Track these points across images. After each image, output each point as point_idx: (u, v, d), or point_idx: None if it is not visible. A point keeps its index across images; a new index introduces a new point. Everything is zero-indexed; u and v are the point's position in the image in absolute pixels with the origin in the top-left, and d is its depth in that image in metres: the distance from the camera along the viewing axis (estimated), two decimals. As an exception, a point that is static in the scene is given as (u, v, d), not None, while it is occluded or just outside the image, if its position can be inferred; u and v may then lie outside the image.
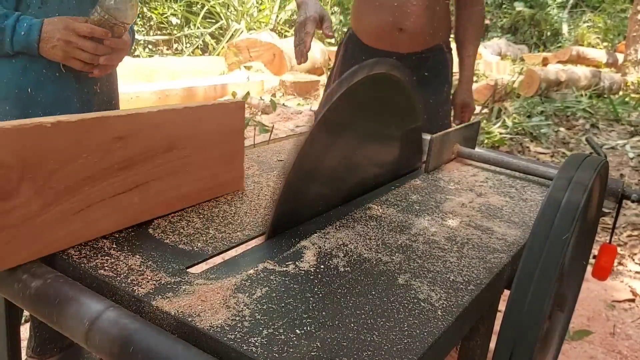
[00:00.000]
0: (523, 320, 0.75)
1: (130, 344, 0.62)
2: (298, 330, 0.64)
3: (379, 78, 1.04)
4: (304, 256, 0.83)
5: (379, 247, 0.89)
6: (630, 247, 3.15)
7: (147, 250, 0.81)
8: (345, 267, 0.81)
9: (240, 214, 0.98)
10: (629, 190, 1.30)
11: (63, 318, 0.68)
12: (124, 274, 0.74)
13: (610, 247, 1.26)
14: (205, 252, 0.82)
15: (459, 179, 1.29)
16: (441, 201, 1.12)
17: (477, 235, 0.97)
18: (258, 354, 0.59)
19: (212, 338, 0.62)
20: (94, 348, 0.65)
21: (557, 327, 1.21)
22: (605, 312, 2.45)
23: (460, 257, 0.88)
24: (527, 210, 1.11)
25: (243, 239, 0.88)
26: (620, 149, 5.07)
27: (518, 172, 1.35)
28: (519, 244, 0.95)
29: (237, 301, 0.69)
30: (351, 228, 0.95)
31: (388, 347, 0.63)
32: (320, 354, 0.60)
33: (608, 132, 5.75)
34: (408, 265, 0.83)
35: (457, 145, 1.41)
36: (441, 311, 0.71)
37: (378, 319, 0.68)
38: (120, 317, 0.65)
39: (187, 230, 0.89)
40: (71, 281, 0.72)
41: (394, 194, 1.14)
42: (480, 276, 0.82)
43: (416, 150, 1.31)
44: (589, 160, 0.94)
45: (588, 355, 2.13)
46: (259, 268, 0.78)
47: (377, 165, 1.17)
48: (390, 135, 1.19)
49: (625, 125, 6.01)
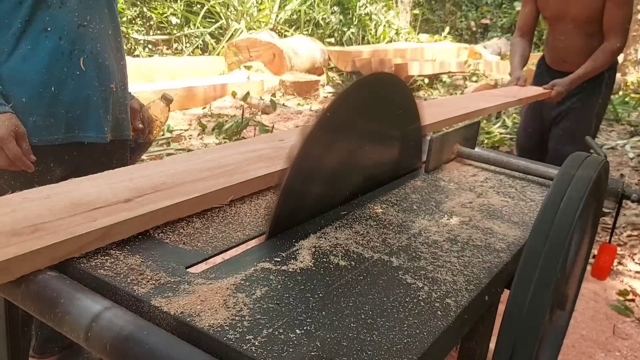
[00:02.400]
0: (523, 320, 0.75)
1: (130, 344, 0.62)
2: (298, 330, 0.64)
3: (379, 78, 1.04)
4: (304, 256, 0.83)
5: (379, 247, 0.89)
6: (630, 247, 3.15)
7: (147, 249, 0.81)
8: (345, 267, 0.81)
9: (240, 214, 0.98)
10: (629, 190, 1.30)
11: (63, 318, 0.68)
12: (123, 273, 0.74)
13: (610, 246, 1.26)
14: (205, 252, 0.82)
15: (459, 179, 1.29)
16: (441, 201, 1.12)
17: (477, 235, 0.97)
18: (258, 353, 0.59)
19: (212, 338, 0.62)
20: (93, 348, 0.65)
21: (557, 326, 1.21)
22: (605, 311, 2.45)
23: (460, 257, 0.88)
24: (527, 210, 1.11)
25: (243, 239, 0.88)
26: (620, 149, 5.07)
27: (518, 172, 1.35)
28: (519, 244, 0.95)
29: (237, 301, 0.69)
30: (351, 228, 0.95)
31: (388, 346, 0.63)
32: (320, 353, 0.60)
33: (608, 132, 5.75)
34: (408, 265, 0.83)
35: (457, 145, 1.41)
36: (441, 311, 0.71)
37: (378, 318, 0.68)
38: (120, 317, 0.65)
39: (187, 230, 0.89)
40: (71, 281, 0.72)
41: (394, 194, 1.14)
42: (480, 276, 0.82)
43: (416, 150, 1.31)
44: (589, 160, 0.94)
45: (588, 355, 2.13)
46: (258, 268, 0.78)
47: (377, 165, 1.17)
48: (390, 135, 1.19)
49: (625, 125, 6.02)
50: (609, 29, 2.48)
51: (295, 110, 6.13)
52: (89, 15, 1.40)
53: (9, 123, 1.26)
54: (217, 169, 1.06)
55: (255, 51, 7.33)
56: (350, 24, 9.96)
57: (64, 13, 1.34)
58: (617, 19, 2.45)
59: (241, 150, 1.20)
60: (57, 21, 1.33)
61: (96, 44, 1.42)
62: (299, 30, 9.13)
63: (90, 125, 1.44)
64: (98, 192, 0.92)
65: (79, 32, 1.37)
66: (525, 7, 2.76)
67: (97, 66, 1.43)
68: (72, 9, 1.36)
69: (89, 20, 1.40)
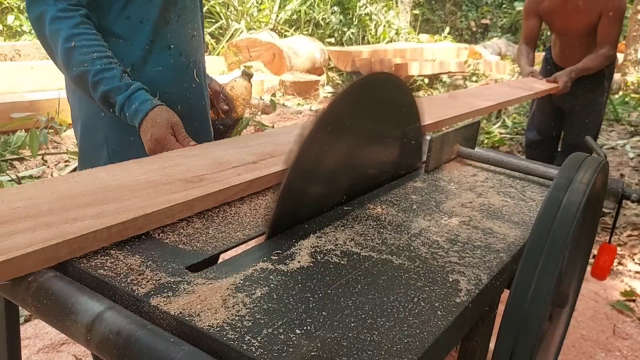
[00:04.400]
0: (523, 320, 0.75)
1: (130, 344, 0.62)
2: (298, 330, 0.64)
3: (379, 79, 1.04)
4: (304, 256, 0.83)
5: (379, 247, 0.89)
6: (630, 247, 3.15)
7: (147, 250, 0.81)
8: (345, 266, 0.81)
9: (240, 214, 0.98)
10: (629, 190, 1.30)
11: (62, 318, 0.68)
12: (123, 273, 0.74)
13: (610, 246, 1.26)
14: (205, 252, 0.82)
15: (459, 179, 1.29)
16: (441, 201, 1.12)
17: (477, 235, 0.97)
18: (258, 353, 0.59)
19: (212, 338, 0.62)
20: (94, 348, 0.65)
21: (557, 326, 1.21)
22: (606, 311, 2.45)
23: (460, 257, 0.87)
24: (527, 210, 1.11)
25: (243, 239, 0.88)
26: (620, 149, 5.07)
27: (518, 172, 1.35)
28: (519, 244, 0.95)
29: (237, 301, 0.69)
30: (351, 228, 0.95)
31: (388, 346, 0.63)
32: (320, 353, 0.60)
33: (608, 132, 5.75)
34: (408, 265, 0.83)
35: (457, 145, 1.41)
36: (441, 311, 0.71)
37: (378, 318, 0.68)
38: (120, 317, 0.65)
39: (187, 230, 0.89)
40: (71, 281, 0.72)
41: (394, 194, 1.14)
42: (481, 276, 0.82)
43: (416, 150, 1.30)
44: (589, 160, 0.94)
45: (588, 355, 2.13)
46: (258, 268, 0.78)
47: (377, 165, 1.17)
48: (390, 135, 1.18)
49: (625, 125, 6.02)
50: (602, 41, 2.94)
51: (295, 110, 6.14)
52: (196, 24, 1.37)
53: (161, 118, 1.20)
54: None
55: (255, 51, 7.33)
56: (350, 24, 9.96)
57: (181, 26, 1.31)
58: (611, 35, 2.93)
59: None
60: (177, 36, 1.30)
61: (201, 51, 1.40)
62: (299, 30, 9.13)
63: (206, 134, 1.44)
64: (229, 155, 1.17)
65: (191, 44, 1.35)
66: (529, 21, 3.17)
67: (204, 74, 1.42)
68: (187, 20, 1.32)
69: (195, 29, 1.37)
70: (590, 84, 3.05)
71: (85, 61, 1.13)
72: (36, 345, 2.03)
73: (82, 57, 1.13)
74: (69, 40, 1.12)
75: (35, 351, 1.99)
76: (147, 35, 1.25)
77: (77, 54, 1.13)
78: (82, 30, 1.14)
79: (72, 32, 1.12)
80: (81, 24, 1.14)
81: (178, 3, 1.29)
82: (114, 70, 1.16)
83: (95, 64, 1.14)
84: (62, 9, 1.12)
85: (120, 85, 1.16)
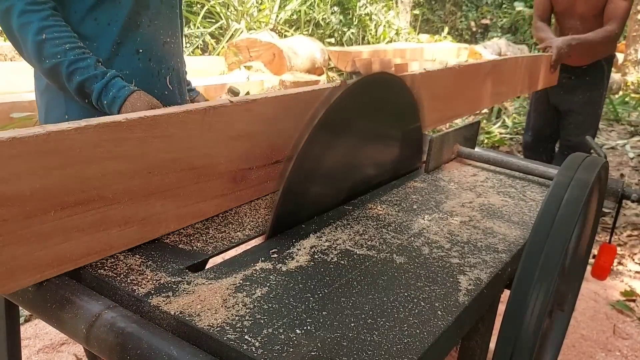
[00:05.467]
0: (523, 320, 0.75)
1: (130, 344, 0.62)
2: (298, 330, 0.64)
3: (379, 79, 1.04)
4: (304, 256, 0.83)
5: (379, 246, 0.89)
6: (630, 247, 3.15)
7: (147, 250, 0.81)
8: (345, 266, 0.81)
9: (240, 214, 0.98)
10: (629, 190, 1.30)
11: (63, 318, 0.68)
12: (123, 273, 0.74)
13: (610, 246, 1.26)
14: (205, 252, 0.82)
15: (459, 179, 1.29)
16: (441, 201, 1.12)
17: (477, 235, 0.97)
18: (258, 353, 0.59)
19: (212, 338, 0.62)
20: (94, 348, 0.65)
21: (557, 326, 1.21)
22: (606, 311, 2.45)
23: (460, 257, 0.87)
24: (527, 210, 1.11)
25: (243, 239, 0.88)
26: (620, 149, 5.07)
27: (518, 172, 1.35)
28: (519, 244, 0.95)
29: (237, 301, 0.69)
30: (351, 228, 0.95)
31: (388, 346, 0.63)
32: (320, 353, 0.60)
33: (608, 132, 5.75)
34: (408, 265, 0.83)
35: (457, 145, 1.41)
36: (441, 311, 0.71)
37: (378, 318, 0.68)
38: (120, 317, 0.65)
39: (187, 230, 0.89)
40: (71, 281, 0.72)
41: (394, 194, 1.14)
42: (480, 276, 0.82)
43: (416, 150, 1.30)
44: (589, 160, 0.94)
45: (588, 355, 2.13)
46: (258, 268, 0.78)
47: (377, 165, 1.17)
48: (390, 135, 1.18)
49: (625, 125, 6.02)
50: (609, 17, 2.81)
51: (295, 110, 6.12)
52: (171, 31, 1.34)
53: (141, 102, 1.16)
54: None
55: (255, 51, 7.33)
56: (350, 24, 9.96)
57: (153, 31, 1.28)
58: (618, 11, 2.80)
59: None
60: (147, 41, 1.27)
61: (176, 59, 1.37)
62: (299, 31, 9.13)
63: None
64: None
65: (164, 50, 1.32)
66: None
67: (179, 82, 1.38)
68: (160, 26, 1.29)
69: (170, 36, 1.34)
70: (589, 82, 3.00)
71: (58, 53, 1.12)
72: (36, 345, 2.03)
73: (54, 49, 1.12)
74: (40, 33, 1.11)
75: (36, 351, 1.99)
76: (113, 37, 1.22)
77: (48, 46, 1.12)
78: (53, 22, 1.13)
79: (42, 24, 1.11)
80: (51, 16, 1.13)
81: (151, 7, 1.27)
82: (87, 60, 1.15)
83: (68, 55, 1.12)
84: (30, 2, 1.11)
85: (96, 73, 1.15)
